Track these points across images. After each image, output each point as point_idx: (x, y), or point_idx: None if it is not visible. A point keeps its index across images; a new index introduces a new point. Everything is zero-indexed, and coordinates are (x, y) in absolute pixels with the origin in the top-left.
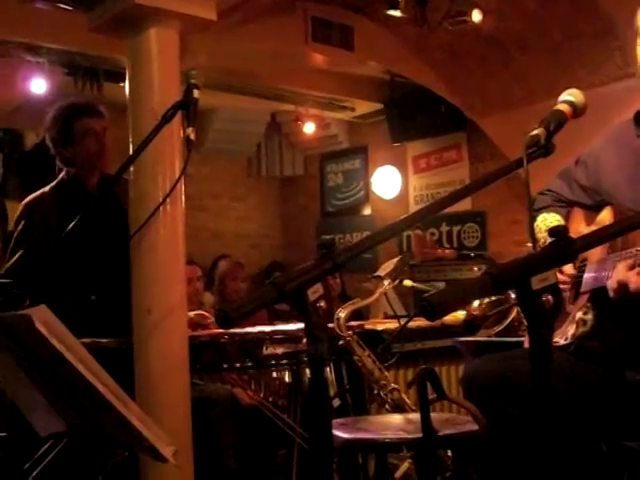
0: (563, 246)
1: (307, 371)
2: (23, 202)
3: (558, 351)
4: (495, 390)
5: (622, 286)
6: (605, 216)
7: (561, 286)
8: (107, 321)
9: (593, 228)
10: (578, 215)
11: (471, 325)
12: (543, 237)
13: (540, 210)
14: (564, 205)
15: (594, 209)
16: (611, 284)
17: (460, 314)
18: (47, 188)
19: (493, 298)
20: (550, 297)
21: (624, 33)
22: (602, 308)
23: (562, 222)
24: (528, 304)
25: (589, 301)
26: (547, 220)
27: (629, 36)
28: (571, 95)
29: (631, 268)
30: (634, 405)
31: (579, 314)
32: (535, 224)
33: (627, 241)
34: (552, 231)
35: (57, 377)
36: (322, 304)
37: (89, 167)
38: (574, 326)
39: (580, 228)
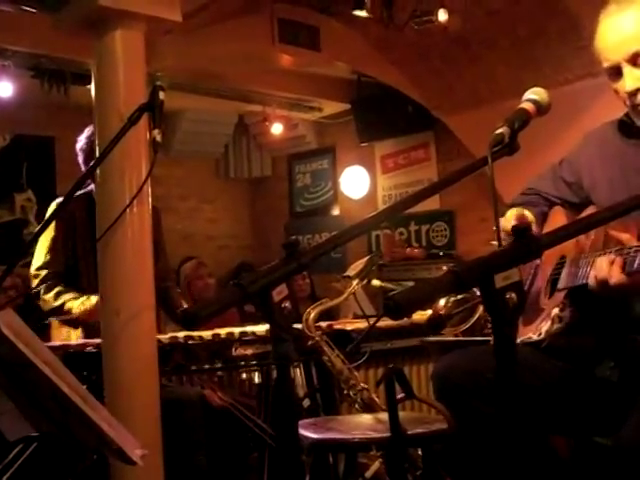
0: (526, 243)
1: None
2: (55, 202)
3: (528, 347)
4: (466, 387)
5: (602, 283)
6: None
7: None
8: None
9: None
10: (559, 213)
11: (435, 324)
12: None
13: (512, 206)
14: (543, 203)
15: (578, 207)
16: (591, 280)
17: (429, 313)
18: (78, 193)
19: (459, 296)
20: (514, 295)
21: (590, 31)
22: (579, 305)
23: (531, 217)
24: (492, 302)
25: (566, 298)
26: (514, 213)
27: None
28: (535, 93)
29: (612, 263)
30: (603, 401)
31: (555, 310)
32: (504, 217)
33: (609, 238)
34: (515, 229)
35: (24, 381)
36: (287, 305)
37: None
38: (549, 322)
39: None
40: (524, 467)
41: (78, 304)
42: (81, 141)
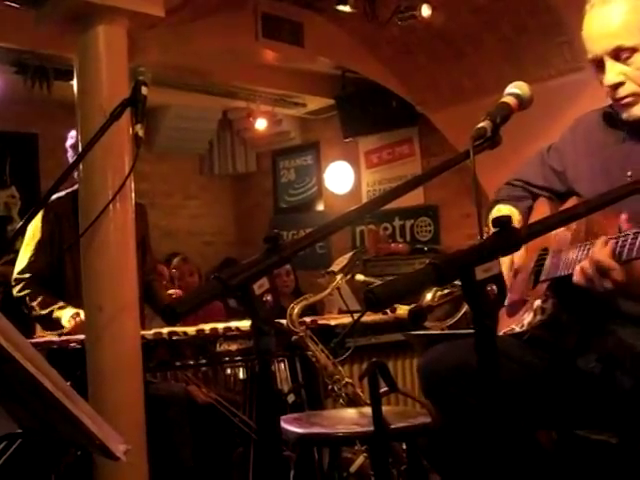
0: (506, 236)
1: None
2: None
3: (512, 339)
4: (453, 379)
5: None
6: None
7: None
8: None
9: None
10: (543, 206)
11: (415, 317)
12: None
13: (497, 202)
14: (528, 196)
15: (563, 197)
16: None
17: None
18: (62, 193)
19: (446, 290)
20: (494, 287)
21: (572, 27)
22: (561, 296)
23: (516, 214)
24: (472, 294)
25: (549, 289)
26: (501, 212)
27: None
28: (517, 88)
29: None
30: (586, 393)
31: (538, 302)
32: (490, 214)
33: (590, 230)
34: (495, 221)
35: (6, 377)
36: (268, 298)
37: None
38: (532, 314)
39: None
40: (509, 460)
41: (67, 317)
42: (72, 138)
